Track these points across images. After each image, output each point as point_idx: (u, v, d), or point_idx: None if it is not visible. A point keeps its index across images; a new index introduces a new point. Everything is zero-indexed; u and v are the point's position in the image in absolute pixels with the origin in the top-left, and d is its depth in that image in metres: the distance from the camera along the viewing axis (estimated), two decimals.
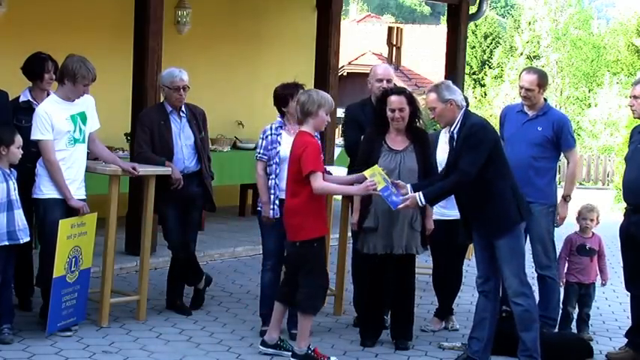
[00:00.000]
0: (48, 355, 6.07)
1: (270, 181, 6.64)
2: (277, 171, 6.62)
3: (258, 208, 6.77)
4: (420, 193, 6.07)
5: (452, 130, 6.14)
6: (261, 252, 7.02)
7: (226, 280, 8.66)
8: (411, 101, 6.56)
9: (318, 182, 6.00)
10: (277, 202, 6.60)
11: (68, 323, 6.50)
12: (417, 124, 6.64)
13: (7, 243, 6.12)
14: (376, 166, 6.24)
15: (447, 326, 7.30)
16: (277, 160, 6.62)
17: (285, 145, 6.59)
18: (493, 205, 6.05)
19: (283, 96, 6.71)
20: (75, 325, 6.57)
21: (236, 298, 8.02)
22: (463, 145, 6.01)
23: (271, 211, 6.61)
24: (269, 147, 6.66)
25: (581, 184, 23.30)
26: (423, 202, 6.11)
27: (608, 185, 23.54)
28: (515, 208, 6.09)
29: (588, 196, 15.24)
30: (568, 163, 7.24)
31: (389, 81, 7.11)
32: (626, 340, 6.82)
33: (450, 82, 6.26)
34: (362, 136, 6.86)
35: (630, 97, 6.66)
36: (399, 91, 6.57)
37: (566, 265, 7.33)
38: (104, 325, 6.75)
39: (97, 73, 6.51)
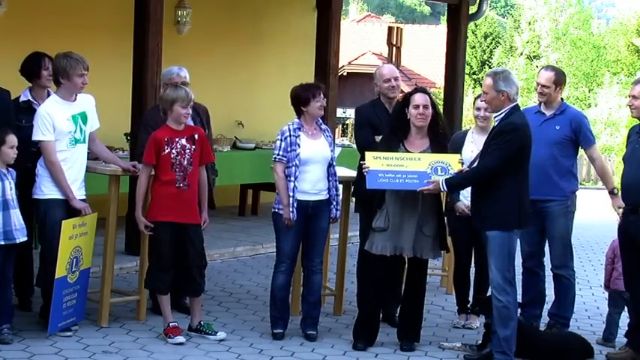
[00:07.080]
0: (48, 355, 6.08)
1: (289, 184, 6.64)
2: (297, 173, 6.62)
3: (274, 210, 6.75)
4: (443, 179, 6.26)
5: (495, 118, 6.34)
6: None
7: (226, 280, 8.65)
8: (434, 103, 6.61)
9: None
10: (295, 204, 6.61)
11: (68, 323, 6.51)
12: (439, 128, 6.65)
13: (2, 242, 6.12)
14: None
15: (465, 324, 7.28)
16: (297, 163, 6.62)
17: (305, 147, 6.63)
18: (494, 200, 6.17)
19: (305, 96, 6.71)
20: (75, 325, 6.58)
21: (236, 298, 8.02)
22: (492, 141, 6.20)
23: (291, 214, 6.62)
24: (288, 149, 6.64)
25: (581, 183, 23.28)
26: (445, 188, 6.32)
27: None
28: (514, 212, 6.20)
29: (588, 195, 15.25)
30: (594, 161, 7.29)
31: (396, 79, 7.17)
32: (625, 340, 6.83)
33: (510, 73, 6.34)
34: (375, 137, 6.92)
35: (629, 96, 6.66)
36: (424, 90, 6.65)
37: (612, 271, 7.13)
38: (104, 325, 6.76)
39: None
